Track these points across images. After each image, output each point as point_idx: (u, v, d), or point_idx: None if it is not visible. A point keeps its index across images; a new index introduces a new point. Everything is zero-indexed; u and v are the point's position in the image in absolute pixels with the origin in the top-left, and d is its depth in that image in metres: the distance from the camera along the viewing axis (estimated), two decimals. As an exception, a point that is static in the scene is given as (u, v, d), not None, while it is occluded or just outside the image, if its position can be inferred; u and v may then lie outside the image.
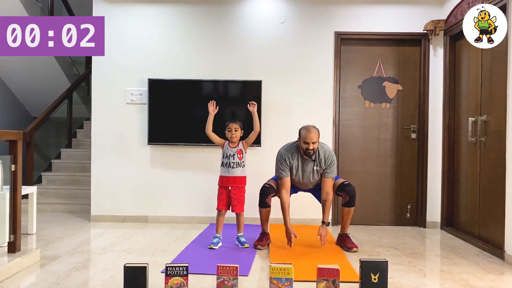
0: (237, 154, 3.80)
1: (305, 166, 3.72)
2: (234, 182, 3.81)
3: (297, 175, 3.75)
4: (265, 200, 3.77)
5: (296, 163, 3.72)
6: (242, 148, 3.84)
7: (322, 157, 3.69)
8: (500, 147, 3.57)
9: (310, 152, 3.59)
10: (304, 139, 3.58)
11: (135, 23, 4.81)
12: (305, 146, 3.58)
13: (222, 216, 3.82)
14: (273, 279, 2.48)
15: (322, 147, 3.73)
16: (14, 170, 3.16)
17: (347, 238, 3.79)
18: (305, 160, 3.70)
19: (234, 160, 3.79)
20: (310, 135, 3.56)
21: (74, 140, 6.42)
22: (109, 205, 4.81)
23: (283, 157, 3.73)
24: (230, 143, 3.84)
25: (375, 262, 2.53)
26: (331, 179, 3.72)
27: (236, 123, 3.84)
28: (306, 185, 3.82)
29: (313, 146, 3.57)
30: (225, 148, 3.84)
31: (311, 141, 3.55)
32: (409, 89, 4.81)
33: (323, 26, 4.75)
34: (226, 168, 3.80)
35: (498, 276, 3.08)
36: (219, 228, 3.80)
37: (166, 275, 2.45)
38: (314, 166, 3.70)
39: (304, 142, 3.58)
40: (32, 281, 2.85)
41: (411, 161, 4.81)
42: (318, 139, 3.61)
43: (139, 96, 4.79)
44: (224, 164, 3.81)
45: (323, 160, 3.68)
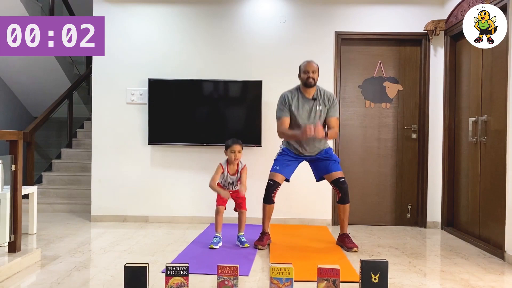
0: (236, 182, 3.83)
1: (305, 105, 3.75)
2: (235, 192, 3.86)
3: (297, 114, 3.75)
4: (270, 196, 3.77)
5: (296, 102, 3.76)
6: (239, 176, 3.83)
7: (324, 95, 3.77)
8: (501, 147, 3.57)
9: (310, 81, 3.67)
10: (304, 69, 3.70)
11: (135, 23, 4.81)
12: (305, 76, 3.68)
13: (221, 214, 3.80)
14: (273, 279, 2.48)
15: (322, 88, 3.82)
16: (15, 170, 3.17)
17: (347, 238, 3.79)
18: (306, 99, 3.75)
19: (233, 186, 3.84)
20: (309, 64, 3.69)
21: (74, 140, 6.42)
22: (110, 205, 4.81)
23: (283, 96, 3.82)
24: (230, 167, 3.78)
25: (376, 262, 2.53)
26: (336, 118, 3.81)
27: (240, 144, 3.76)
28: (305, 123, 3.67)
29: (313, 75, 3.67)
30: (225, 175, 3.80)
31: (310, 69, 3.66)
32: (410, 89, 4.81)
33: (323, 26, 4.75)
34: (227, 187, 3.85)
35: (498, 276, 3.08)
36: (219, 228, 3.80)
37: (167, 275, 2.45)
38: (315, 105, 3.74)
39: (304, 72, 3.69)
40: (33, 281, 2.85)
41: (412, 161, 4.81)
42: (317, 72, 3.72)
43: (140, 96, 4.79)
44: (224, 185, 3.85)
45: (326, 99, 3.76)
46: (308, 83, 3.69)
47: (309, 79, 3.67)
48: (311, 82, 3.68)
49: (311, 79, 3.67)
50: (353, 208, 4.76)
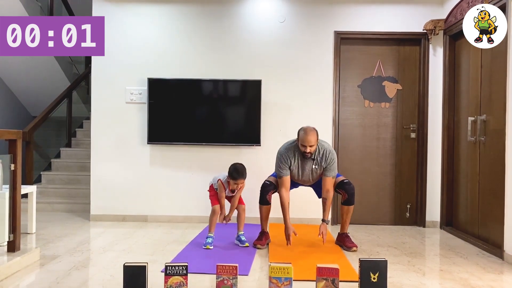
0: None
1: (304, 165, 3.73)
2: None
3: (296, 174, 3.76)
4: (265, 197, 3.78)
5: (295, 162, 3.72)
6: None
7: (322, 155, 3.68)
8: (500, 147, 3.57)
9: (307, 155, 3.62)
10: (302, 142, 3.60)
11: (134, 22, 4.81)
12: (303, 149, 3.61)
13: (217, 215, 3.82)
14: (272, 279, 2.48)
15: (322, 145, 3.72)
16: (14, 169, 3.16)
17: (347, 237, 3.80)
18: (305, 159, 3.71)
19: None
20: (307, 138, 3.56)
21: (73, 139, 6.42)
22: (109, 205, 4.81)
23: (283, 156, 3.73)
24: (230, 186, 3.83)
25: (375, 262, 2.53)
26: (332, 178, 3.71)
27: (244, 178, 3.79)
28: (306, 182, 3.84)
29: (310, 150, 3.58)
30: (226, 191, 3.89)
31: (308, 144, 3.56)
32: (409, 89, 4.81)
33: (323, 25, 4.75)
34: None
35: (497, 275, 3.08)
36: (213, 228, 3.81)
37: (166, 275, 2.45)
38: (312, 165, 3.71)
39: (302, 145, 3.60)
40: (32, 281, 2.85)
41: (411, 161, 4.81)
42: (316, 142, 3.61)
43: (139, 96, 4.79)
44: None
45: (323, 159, 3.68)
46: (305, 156, 3.64)
47: (306, 154, 3.61)
48: (307, 156, 3.63)
49: (307, 154, 3.60)
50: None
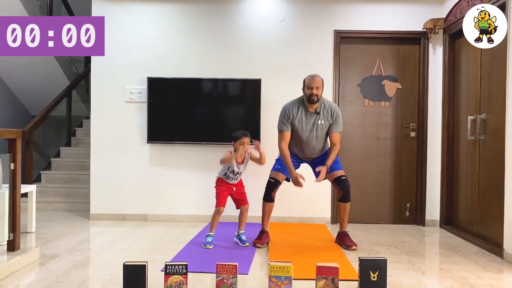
0: (243, 172, 3.81)
1: (309, 119, 3.70)
2: (237, 184, 3.87)
3: (300, 129, 3.70)
4: (270, 194, 3.78)
5: (299, 116, 3.70)
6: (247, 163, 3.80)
7: (328, 110, 3.70)
8: (499, 146, 3.58)
9: (313, 98, 3.60)
10: (308, 85, 3.62)
11: (134, 21, 4.81)
12: (309, 92, 3.61)
13: (220, 214, 3.78)
14: (272, 277, 2.48)
15: (327, 100, 3.76)
16: (14, 168, 3.16)
17: (346, 236, 3.79)
18: (309, 113, 3.70)
19: (240, 176, 3.81)
20: (314, 79, 3.61)
21: (73, 138, 6.42)
22: (109, 204, 4.81)
23: (286, 110, 3.73)
24: (238, 157, 3.70)
25: (374, 261, 2.53)
26: (339, 133, 3.75)
27: (248, 136, 3.72)
28: (310, 142, 3.73)
29: (317, 92, 3.59)
30: (233, 165, 3.70)
31: (314, 85, 3.58)
32: (409, 88, 4.81)
33: (322, 24, 4.75)
34: (231, 180, 3.78)
35: (497, 274, 3.09)
36: (214, 227, 3.77)
37: (166, 274, 2.46)
38: (318, 119, 3.69)
39: (308, 87, 3.62)
40: (32, 280, 2.85)
41: (411, 160, 4.81)
42: (322, 86, 3.64)
43: (138, 95, 4.79)
44: (228, 177, 3.76)
45: (330, 113, 3.70)
46: (311, 99, 3.62)
47: (312, 96, 3.59)
48: (314, 99, 3.61)
49: (314, 96, 3.59)
50: (352, 207, 4.74)
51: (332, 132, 3.73)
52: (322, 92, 3.65)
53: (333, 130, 3.72)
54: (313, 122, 3.70)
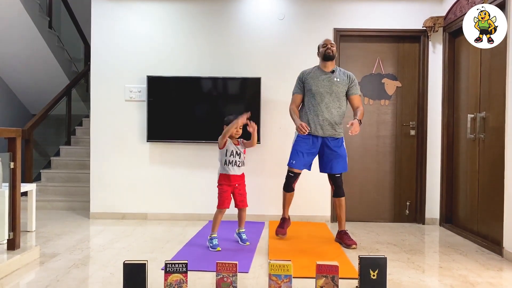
0: (242, 153, 3.69)
1: (323, 76, 3.80)
2: (241, 179, 3.72)
3: (313, 84, 3.80)
4: (291, 185, 3.90)
5: (312, 74, 3.85)
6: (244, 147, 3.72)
7: (343, 72, 3.85)
8: (499, 144, 3.58)
9: (329, 52, 3.76)
10: (323, 43, 3.81)
11: (133, 19, 4.80)
12: (324, 49, 3.78)
13: (222, 215, 3.66)
14: (272, 276, 2.49)
15: (341, 68, 3.93)
16: (13, 167, 3.16)
17: (346, 235, 3.79)
18: (324, 72, 3.82)
19: (240, 159, 3.66)
20: (326, 39, 3.85)
21: (73, 137, 6.42)
22: (109, 202, 4.81)
23: (300, 74, 3.95)
24: (234, 140, 3.67)
25: (374, 259, 2.54)
26: (359, 96, 3.86)
27: None
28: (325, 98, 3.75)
29: (332, 48, 3.77)
30: (230, 145, 3.62)
31: (329, 42, 3.79)
32: (408, 86, 4.81)
33: (322, 22, 4.74)
34: (232, 167, 3.62)
35: (496, 272, 3.09)
36: (217, 228, 3.65)
37: (166, 272, 2.46)
38: (334, 77, 3.78)
39: (323, 46, 3.80)
40: (32, 278, 2.85)
41: (410, 158, 4.81)
42: (336, 47, 3.84)
43: (138, 93, 4.78)
44: (229, 163, 3.61)
45: (345, 76, 3.82)
46: (327, 54, 3.76)
47: (328, 50, 3.76)
48: (329, 53, 3.76)
49: (329, 50, 3.76)
50: (352, 205, 4.77)
51: (352, 95, 3.83)
52: (336, 50, 3.82)
53: (352, 92, 3.83)
54: (328, 78, 3.79)
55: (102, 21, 4.80)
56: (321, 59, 3.84)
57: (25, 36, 5.97)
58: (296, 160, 3.81)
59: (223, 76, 4.70)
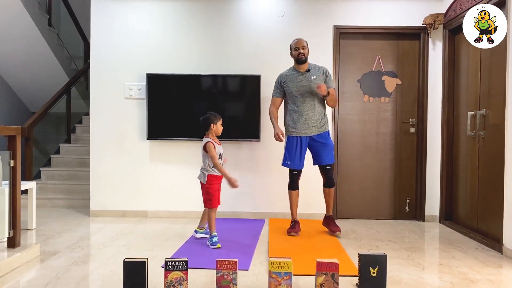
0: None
1: (300, 77, 3.96)
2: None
3: (293, 87, 3.96)
4: (296, 182, 4.02)
5: (290, 77, 4.00)
6: None
7: (318, 68, 4.00)
8: (499, 141, 3.58)
9: (301, 56, 3.92)
10: (294, 46, 3.96)
11: (133, 17, 4.79)
12: (296, 53, 3.95)
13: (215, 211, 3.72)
14: (272, 273, 2.49)
15: (315, 64, 4.07)
16: (13, 165, 3.16)
17: (332, 221, 4.03)
18: (300, 73, 3.97)
19: (221, 159, 3.69)
20: (298, 41, 3.96)
21: (73, 135, 6.42)
22: (109, 200, 4.82)
23: (277, 78, 4.09)
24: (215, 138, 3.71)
25: (374, 256, 2.54)
26: (333, 89, 4.01)
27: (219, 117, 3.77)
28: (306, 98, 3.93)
29: (303, 51, 3.93)
30: (218, 147, 3.65)
31: (300, 45, 3.93)
32: (408, 83, 4.80)
33: (322, 20, 4.74)
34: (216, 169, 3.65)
35: (496, 269, 3.09)
36: (215, 226, 3.68)
37: (166, 270, 2.46)
38: (309, 75, 3.95)
39: (295, 49, 3.96)
40: (32, 276, 2.86)
41: (410, 155, 4.81)
42: (307, 47, 3.96)
43: (138, 91, 4.78)
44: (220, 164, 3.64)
45: (320, 71, 3.99)
46: (299, 59, 3.94)
47: (300, 55, 3.93)
48: (302, 58, 3.93)
49: (301, 55, 3.92)
50: (352, 202, 4.78)
51: (328, 88, 3.95)
52: (308, 51, 3.97)
53: (328, 85, 3.98)
54: (305, 78, 3.95)
55: (101, 19, 4.79)
56: (295, 61, 4.02)
57: (25, 34, 5.96)
58: (291, 160, 3.99)
59: (222, 73, 4.69)
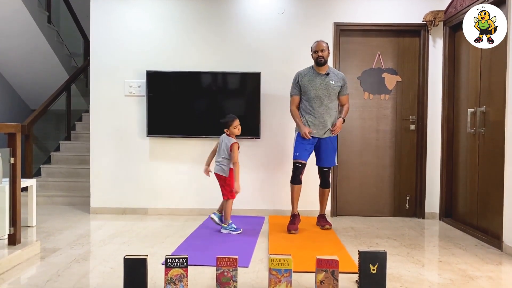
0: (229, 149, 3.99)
1: (319, 79, 4.01)
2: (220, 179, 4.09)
3: (310, 87, 4.01)
4: (298, 176, 4.04)
5: (308, 77, 4.04)
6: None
7: (337, 74, 4.09)
8: (499, 138, 3.58)
9: (320, 59, 3.97)
10: (314, 49, 4.01)
11: (133, 14, 4.78)
12: (315, 56, 3.99)
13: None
14: (272, 270, 2.49)
15: (334, 69, 4.17)
16: (13, 162, 3.16)
17: (323, 218, 4.24)
18: (319, 74, 4.02)
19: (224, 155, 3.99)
20: (318, 44, 3.99)
21: (73, 132, 6.42)
22: (109, 198, 4.82)
23: (296, 76, 4.12)
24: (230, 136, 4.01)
25: (374, 253, 2.54)
26: (347, 95, 4.16)
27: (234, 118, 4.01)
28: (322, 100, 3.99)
29: (323, 54, 3.97)
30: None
31: (319, 48, 3.96)
32: (408, 81, 4.80)
33: (322, 17, 4.73)
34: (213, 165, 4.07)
35: (496, 266, 3.10)
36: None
37: (166, 267, 2.46)
38: (329, 79, 4.01)
39: (315, 52, 4.00)
40: (33, 273, 2.86)
41: (410, 153, 4.81)
42: (327, 49, 4.00)
43: (138, 88, 4.78)
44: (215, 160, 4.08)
45: (339, 77, 4.06)
46: (318, 61, 3.98)
47: (319, 58, 3.97)
48: (321, 61, 3.97)
49: (320, 57, 3.96)
50: (351, 199, 4.79)
51: (342, 95, 4.12)
52: (328, 54, 4.01)
53: (343, 93, 4.11)
54: (323, 81, 4.00)
55: (101, 16, 4.78)
56: (314, 63, 4.05)
57: (24, 31, 5.96)
58: (299, 152, 4.02)
59: (223, 71, 4.69)
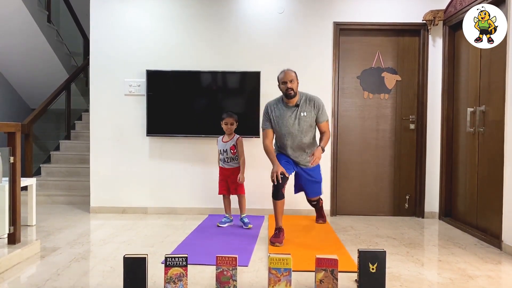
0: (230, 150, 4.13)
1: (288, 113, 3.69)
2: (233, 173, 4.15)
3: (280, 123, 3.72)
4: (280, 190, 3.60)
5: (278, 112, 3.72)
6: (235, 144, 4.12)
7: (309, 102, 3.70)
8: (499, 138, 3.58)
9: (290, 92, 3.59)
10: (282, 80, 3.63)
11: (133, 13, 4.78)
12: (284, 87, 3.61)
13: (226, 199, 4.25)
14: (272, 269, 2.49)
15: (305, 93, 3.76)
16: (13, 162, 3.16)
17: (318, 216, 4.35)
18: (288, 107, 3.70)
19: (228, 155, 4.14)
20: (286, 74, 3.61)
21: (73, 132, 6.42)
22: (109, 197, 4.82)
23: (265, 108, 3.81)
24: (224, 136, 4.19)
25: (373, 252, 2.54)
26: (326, 122, 3.77)
27: (232, 118, 4.15)
28: (294, 136, 3.72)
29: (291, 85, 3.58)
30: (219, 144, 4.21)
31: (288, 79, 3.58)
32: (408, 80, 4.80)
33: (322, 16, 4.73)
34: (223, 163, 4.19)
35: (495, 265, 3.10)
36: (226, 210, 4.25)
37: (166, 266, 2.47)
38: (299, 111, 3.68)
39: (283, 83, 3.62)
40: (32, 272, 2.86)
41: (410, 152, 4.81)
42: (296, 78, 3.64)
43: (138, 88, 4.78)
44: (222, 160, 4.20)
45: (311, 105, 3.69)
46: (288, 94, 3.62)
47: (288, 90, 3.60)
48: (290, 93, 3.61)
49: (290, 90, 3.59)
50: (351, 199, 4.79)
51: (320, 123, 3.75)
52: (297, 84, 3.66)
53: (319, 120, 3.74)
54: (294, 115, 3.69)
55: (101, 15, 4.78)
56: (283, 94, 3.70)
57: (24, 30, 5.95)
58: (281, 162, 3.70)
59: (222, 70, 4.69)
